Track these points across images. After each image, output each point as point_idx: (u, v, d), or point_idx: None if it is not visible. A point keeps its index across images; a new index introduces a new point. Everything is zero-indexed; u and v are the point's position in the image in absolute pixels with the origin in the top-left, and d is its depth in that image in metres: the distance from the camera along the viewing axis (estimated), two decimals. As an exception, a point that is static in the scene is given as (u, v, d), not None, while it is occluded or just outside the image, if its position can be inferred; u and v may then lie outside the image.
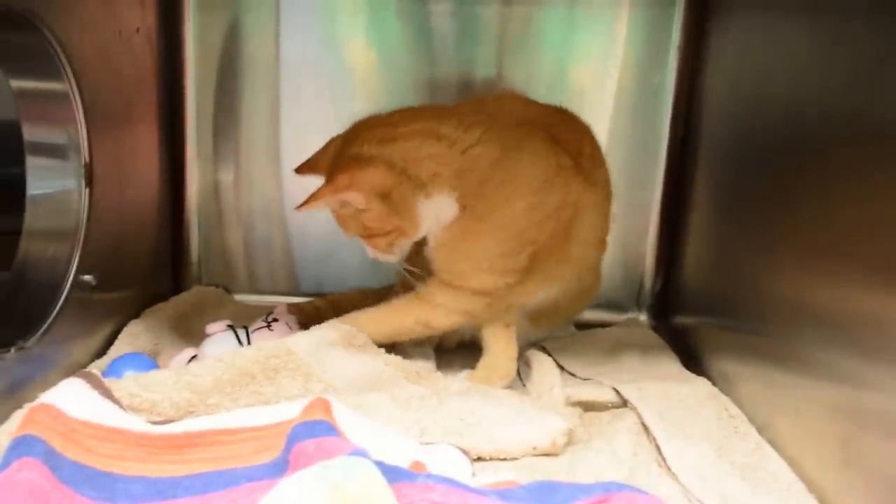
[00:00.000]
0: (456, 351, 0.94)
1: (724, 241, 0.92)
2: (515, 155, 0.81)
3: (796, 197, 0.72)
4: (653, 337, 1.03)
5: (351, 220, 0.83)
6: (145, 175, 0.99)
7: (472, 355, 0.89)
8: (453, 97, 1.06)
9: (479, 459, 0.69)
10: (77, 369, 0.73)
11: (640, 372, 0.89)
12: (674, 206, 1.08)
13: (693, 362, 0.92)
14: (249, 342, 0.85)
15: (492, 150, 0.80)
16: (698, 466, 0.68)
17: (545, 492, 0.56)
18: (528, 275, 0.84)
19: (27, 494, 0.50)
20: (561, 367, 0.90)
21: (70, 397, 0.62)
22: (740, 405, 0.79)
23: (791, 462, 0.68)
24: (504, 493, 0.55)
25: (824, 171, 0.68)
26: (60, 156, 0.78)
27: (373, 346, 0.84)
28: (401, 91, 1.07)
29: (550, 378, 0.84)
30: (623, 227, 1.04)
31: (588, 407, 0.81)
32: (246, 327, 0.88)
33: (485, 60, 1.07)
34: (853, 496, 0.60)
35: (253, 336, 0.86)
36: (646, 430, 0.75)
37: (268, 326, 0.88)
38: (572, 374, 0.89)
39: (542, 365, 0.87)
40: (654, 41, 1.06)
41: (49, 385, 0.64)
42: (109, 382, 0.68)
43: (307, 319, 0.92)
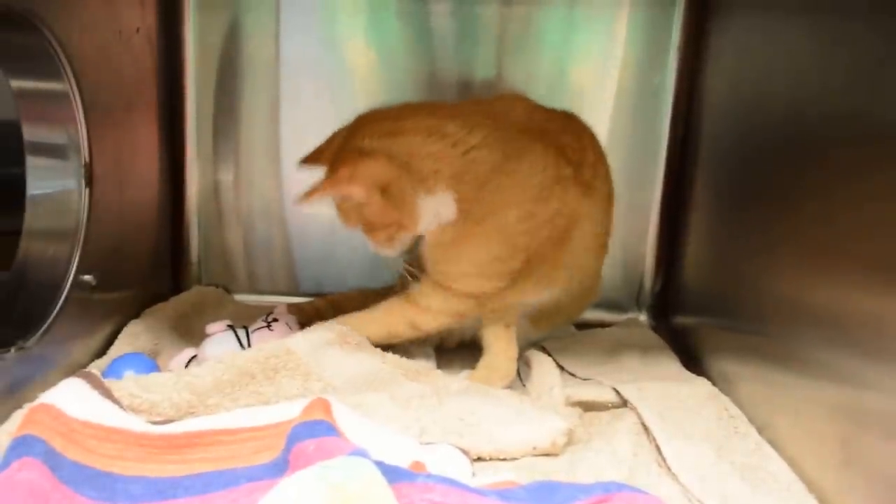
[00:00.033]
0: (456, 350, 0.94)
1: (723, 241, 0.92)
2: (515, 162, 0.81)
3: (796, 197, 0.72)
4: (653, 337, 1.03)
5: (352, 212, 0.83)
6: (145, 175, 0.99)
7: (473, 355, 0.89)
8: (453, 97, 1.06)
9: (479, 459, 0.69)
10: (77, 369, 0.73)
11: (640, 372, 0.89)
12: (674, 206, 1.08)
13: (693, 362, 0.92)
14: (249, 342, 0.85)
15: (492, 155, 0.80)
16: (698, 466, 0.68)
17: (545, 492, 0.56)
18: (521, 279, 0.84)
19: (27, 494, 0.50)
20: (561, 367, 0.90)
21: (70, 397, 0.62)
22: (740, 405, 0.79)
23: (791, 462, 0.68)
24: (504, 493, 0.55)
25: (824, 172, 0.68)
26: (60, 156, 0.78)
27: (369, 344, 0.84)
28: (400, 91, 1.07)
29: (550, 378, 0.84)
30: (623, 227, 1.04)
31: (588, 407, 0.81)
32: (246, 327, 0.88)
33: (484, 60, 1.07)
34: (853, 496, 0.60)
35: (253, 336, 0.86)
36: (646, 430, 0.75)
37: (268, 326, 0.88)
38: (572, 374, 0.89)
39: (542, 365, 0.87)
40: (653, 41, 1.06)
41: (49, 385, 0.64)
42: (109, 383, 0.68)
43: (307, 319, 0.92)
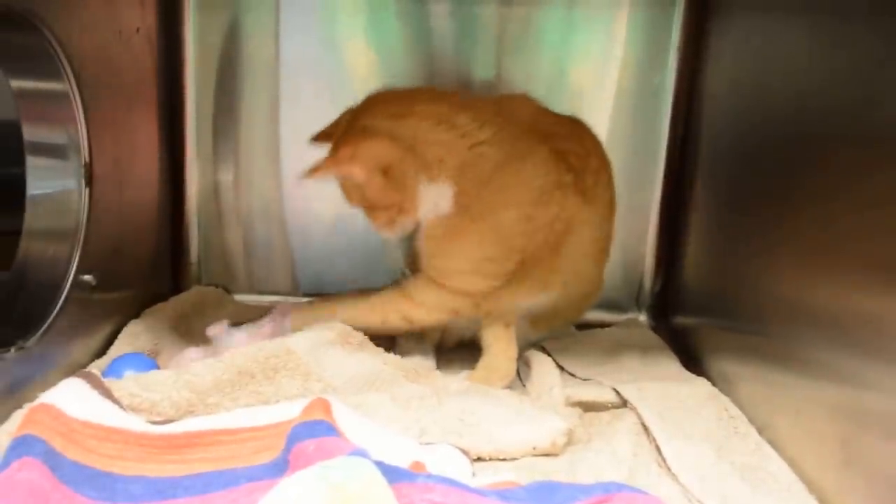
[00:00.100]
0: (456, 351, 0.94)
1: (723, 241, 0.92)
2: (519, 162, 0.81)
3: (796, 197, 0.72)
4: (652, 337, 1.03)
5: (354, 191, 0.83)
6: (145, 175, 0.99)
7: (472, 355, 0.89)
8: (453, 97, 1.06)
9: (479, 459, 0.69)
10: (77, 369, 0.73)
11: (639, 372, 0.89)
12: (674, 206, 1.08)
13: (693, 363, 0.92)
14: None
15: (498, 153, 0.80)
16: (698, 467, 0.67)
17: (545, 492, 0.56)
18: (516, 281, 0.84)
19: (27, 494, 0.50)
20: (561, 367, 0.89)
21: (70, 397, 0.62)
22: (740, 405, 0.79)
23: (791, 462, 0.68)
24: (504, 494, 0.55)
25: (824, 172, 0.68)
26: (60, 156, 0.78)
27: (371, 344, 0.84)
28: (400, 91, 1.07)
29: (550, 378, 0.84)
30: (623, 227, 1.04)
31: (588, 407, 0.80)
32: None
33: (484, 61, 1.06)
34: (853, 496, 0.60)
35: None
36: (646, 430, 0.75)
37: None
38: (572, 375, 0.89)
39: (541, 365, 0.87)
40: (653, 41, 1.05)
41: (49, 385, 0.64)
42: (109, 382, 0.68)
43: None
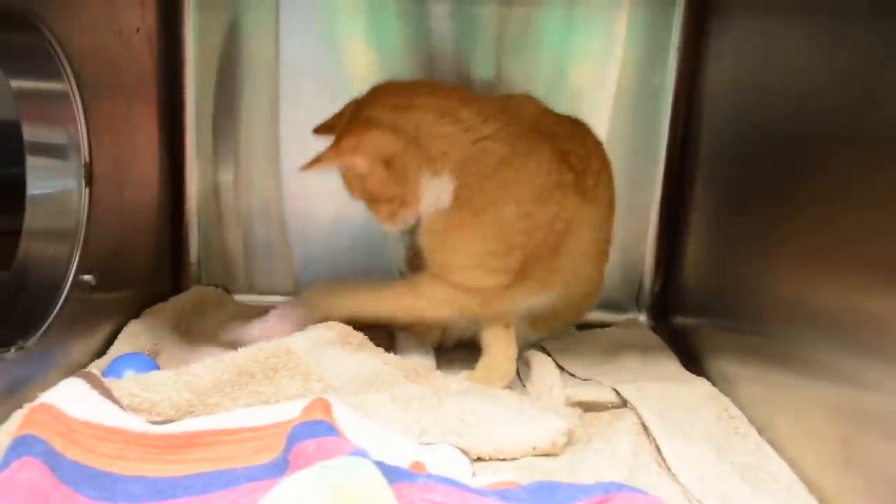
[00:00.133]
0: (456, 350, 0.94)
1: (723, 241, 0.92)
2: (523, 159, 0.81)
3: (796, 197, 0.72)
4: (652, 337, 1.03)
5: (355, 182, 0.83)
6: (145, 175, 0.99)
7: (472, 355, 0.89)
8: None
9: (479, 459, 0.69)
10: (77, 369, 0.73)
11: (639, 372, 0.89)
12: (673, 206, 1.08)
13: (693, 363, 0.92)
14: None
15: (501, 149, 0.80)
16: (698, 467, 0.68)
17: (545, 492, 0.56)
18: (517, 281, 0.84)
19: (27, 494, 0.50)
20: (561, 367, 0.90)
21: (70, 397, 0.62)
22: (740, 406, 0.79)
23: (791, 462, 0.68)
24: (504, 494, 0.55)
25: (824, 172, 0.68)
26: (60, 156, 0.78)
27: (370, 344, 0.84)
28: (400, 91, 1.07)
29: (550, 378, 0.84)
30: (623, 228, 1.04)
31: (588, 407, 0.81)
32: None
33: (484, 61, 1.06)
34: (854, 497, 0.60)
35: None
36: (646, 430, 0.75)
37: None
38: (572, 375, 0.89)
39: (541, 365, 0.87)
40: (653, 41, 1.05)
41: (49, 385, 0.64)
42: (109, 382, 0.68)
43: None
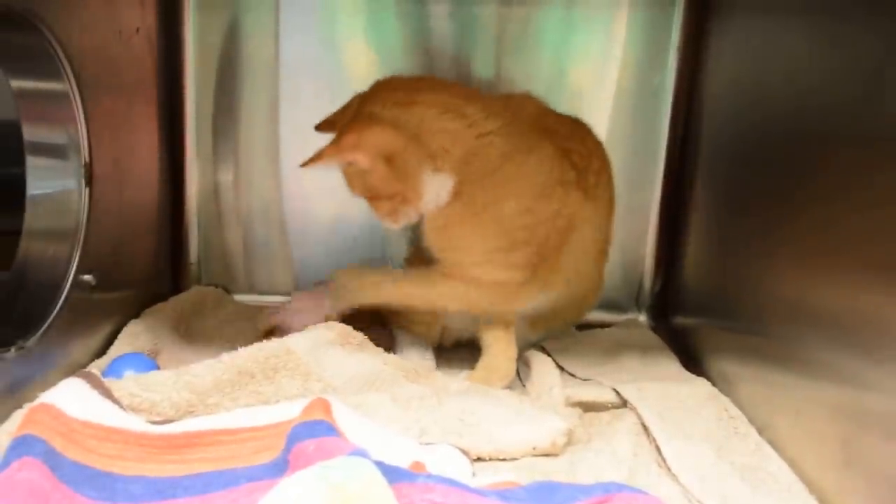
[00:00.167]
0: (455, 350, 0.94)
1: (723, 241, 0.92)
2: (523, 156, 0.81)
3: (796, 197, 0.72)
4: (652, 337, 1.03)
5: (357, 179, 0.82)
6: (145, 175, 0.99)
7: (472, 355, 0.89)
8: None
9: (479, 460, 0.69)
10: (77, 369, 0.73)
11: (639, 372, 0.89)
12: (673, 206, 1.08)
13: (693, 363, 0.92)
14: None
15: (505, 144, 0.80)
16: (698, 467, 0.68)
17: (545, 492, 0.56)
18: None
19: (27, 494, 0.50)
20: (561, 367, 0.90)
21: (70, 397, 0.62)
22: (740, 406, 0.79)
23: (791, 463, 0.68)
24: (504, 494, 0.55)
25: (824, 172, 0.68)
26: (60, 156, 0.78)
27: (371, 344, 0.84)
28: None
29: (550, 378, 0.84)
30: (623, 228, 1.04)
31: (588, 407, 0.81)
32: None
33: (483, 61, 1.07)
34: (854, 497, 0.60)
35: None
36: (646, 430, 0.75)
37: None
38: (572, 375, 0.89)
39: (541, 365, 0.87)
40: (653, 41, 1.06)
41: (49, 385, 0.64)
42: (109, 382, 0.68)
43: None
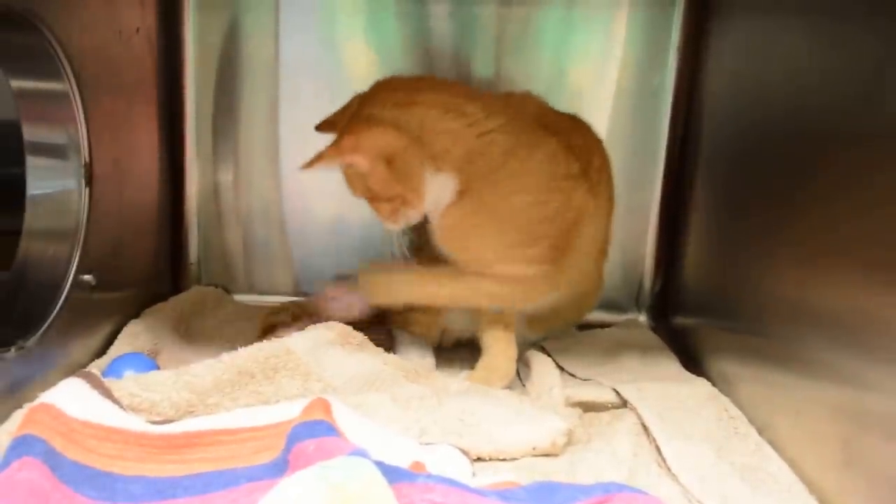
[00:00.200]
0: (456, 350, 0.94)
1: (723, 241, 0.92)
2: (529, 152, 0.81)
3: (796, 197, 0.72)
4: (652, 337, 1.03)
5: (357, 181, 0.82)
6: (145, 175, 0.99)
7: (472, 355, 0.89)
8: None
9: (479, 460, 0.69)
10: (77, 369, 0.73)
11: (639, 372, 0.89)
12: (673, 207, 1.08)
13: (693, 363, 0.92)
14: None
15: (507, 142, 0.80)
16: (698, 467, 0.68)
17: (545, 492, 0.56)
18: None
19: (27, 494, 0.50)
20: (561, 367, 0.90)
21: (70, 397, 0.62)
22: (740, 406, 0.79)
23: (792, 463, 0.68)
24: (504, 494, 0.55)
25: (824, 172, 0.68)
26: (60, 156, 0.78)
27: (371, 344, 0.84)
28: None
29: (550, 378, 0.84)
30: (623, 228, 1.04)
31: (588, 407, 0.81)
32: None
33: (483, 61, 1.07)
34: (855, 498, 0.60)
35: None
36: (646, 430, 0.75)
37: None
38: (572, 375, 0.89)
39: (541, 365, 0.87)
40: (653, 41, 1.06)
41: (49, 385, 0.64)
42: (109, 382, 0.68)
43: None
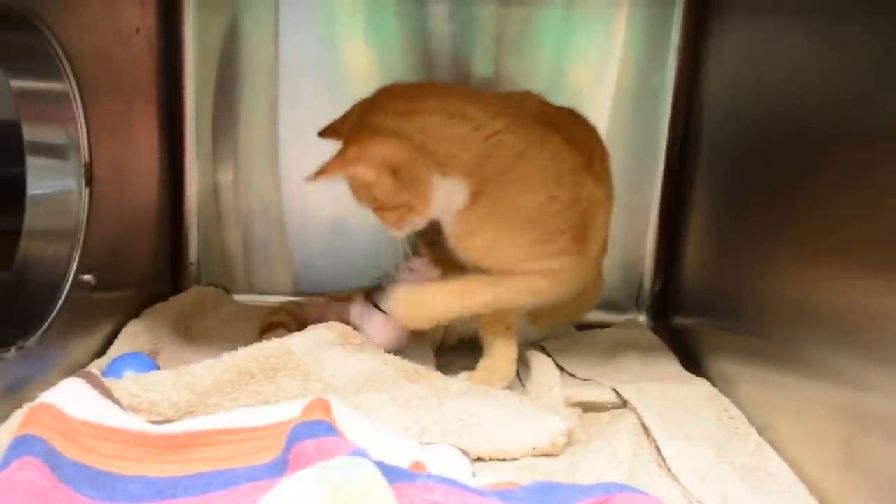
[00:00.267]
0: (456, 351, 0.94)
1: (723, 241, 0.92)
2: (537, 149, 0.81)
3: (797, 197, 0.72)
4: (652, 338, 1.03)
5: (362, 190, 0.82)
6: (145, 175, 0.99)
7: (472, 355, 0.89)
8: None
9: (479, 460, 0.69)
10: (77, 369, 0.73)
11: (639, 373, 0.89)
12: (673, 206, 1.08)
13: (693, 363, 0.92)
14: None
15: (516, 141, 0.80)
16: (698, 467, 0.68)
17: (545, 492, 0.56)
18: None
19: (27, 494, 0.50)
20: (561, 367, 0.90)
21: (70, 397, 0.62)
22: (740, 406, 0.79)
23: (792, 463, 0.68)
24: (504, 494, 0.55)
25: (824, 172, 0.68)
26: (60, 156, 0.78)
27: (371, 344, 0.84)
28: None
29: (550, 378, 0.84)
30: (622, 228, 1.04)
31: (588, 407, 0.81)
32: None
33: (483, 61, 1.07)
34: (855, 498, 0.60)
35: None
36: (645, 430, 0.75)
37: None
38: (572, 375, 0.89)
39: (541, 365, 0.87)
40: (653, 41, 1.06)
41: (49, 385, 0.64)
42: (109, 382, 0.68)
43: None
